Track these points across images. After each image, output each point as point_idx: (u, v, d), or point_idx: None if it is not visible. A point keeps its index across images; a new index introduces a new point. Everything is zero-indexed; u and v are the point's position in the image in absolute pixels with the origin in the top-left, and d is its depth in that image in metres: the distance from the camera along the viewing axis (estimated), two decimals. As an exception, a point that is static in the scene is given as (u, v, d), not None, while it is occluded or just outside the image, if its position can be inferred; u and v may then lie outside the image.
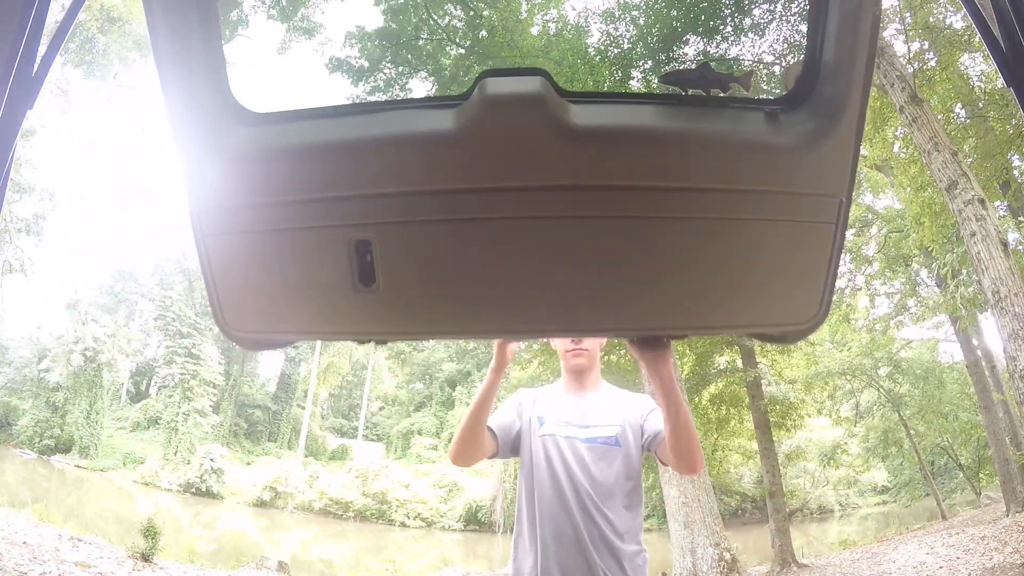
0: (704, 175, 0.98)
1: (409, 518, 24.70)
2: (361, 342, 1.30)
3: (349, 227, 1.01)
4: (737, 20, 10.53)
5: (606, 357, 12.48)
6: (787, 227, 1.04)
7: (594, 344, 1.75)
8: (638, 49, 10.73)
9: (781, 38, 10.58)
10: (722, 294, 1.09)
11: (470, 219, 1.02)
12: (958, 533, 10.00)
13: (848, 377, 17.39)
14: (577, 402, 1.73)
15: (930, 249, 10.75)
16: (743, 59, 10.73)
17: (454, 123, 0.92)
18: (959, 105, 10.58)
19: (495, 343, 1.53)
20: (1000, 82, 9.75)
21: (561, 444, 1.65)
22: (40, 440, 28.89)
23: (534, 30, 12.27)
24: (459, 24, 12.44)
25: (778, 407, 14.60)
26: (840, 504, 26.33)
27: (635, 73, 10.95)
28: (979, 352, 15.27)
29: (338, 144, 0.97)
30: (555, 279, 1.08)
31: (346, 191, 0.99)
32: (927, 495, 18.53)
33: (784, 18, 10.45)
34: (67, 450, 28.85)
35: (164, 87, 0.95)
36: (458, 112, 0.92)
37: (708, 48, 10.73)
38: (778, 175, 1.00)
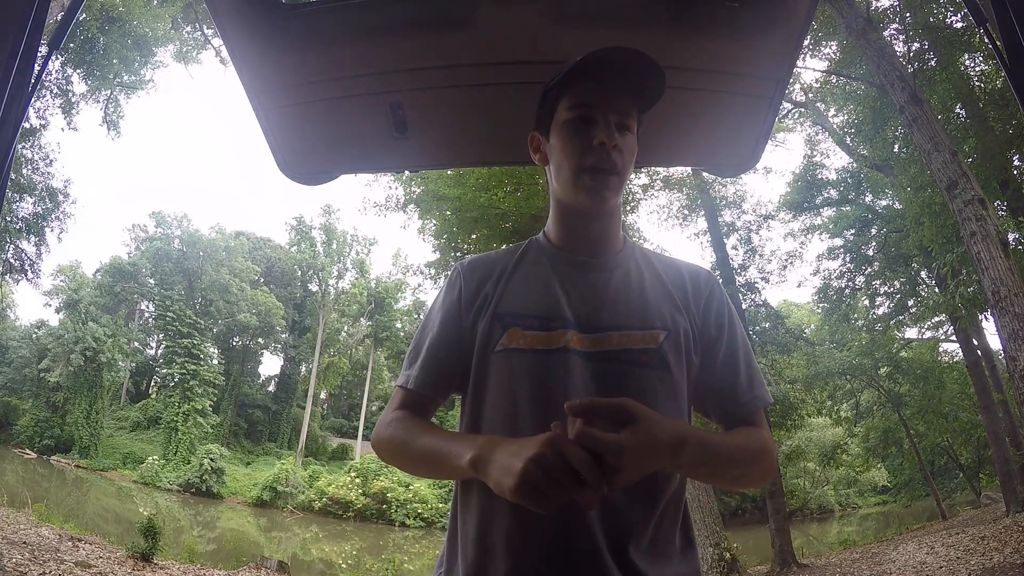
0: (670, 55, 1.21)
1: (409, 518, 24.70)
2: (397, 173, 2.28)
3: (386, 93, 1.31)
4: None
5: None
6: (732, 97, 1.33)
7: (627, 161, 0.96)
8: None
9: None
10: (677, 139, 1.45)
11: (475, 85, 1.33)
12: (958, 533, 10.00)
13: (848, 377, 17.38)
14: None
15: (930, 249, 10.74)
16: None
17: (464, 12, 1.18)
18: (959, 105, 10.57)
19: None
20: (1000, 82, 9.78)
21: None
22: (40, 440, 28.82)
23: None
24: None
25: (778, 407, 14.58)
26: (840, 504, 26.33)
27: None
28: (979, 352, 15.26)
29: (374, 30, 1.22)
30: None
31: (382, 68, 1.27)
32: (927, 495, 18.51)
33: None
34: (67, 450, 28.79)
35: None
36: (468, 3, 1.17)
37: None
38: (727, 57, 1.26)
